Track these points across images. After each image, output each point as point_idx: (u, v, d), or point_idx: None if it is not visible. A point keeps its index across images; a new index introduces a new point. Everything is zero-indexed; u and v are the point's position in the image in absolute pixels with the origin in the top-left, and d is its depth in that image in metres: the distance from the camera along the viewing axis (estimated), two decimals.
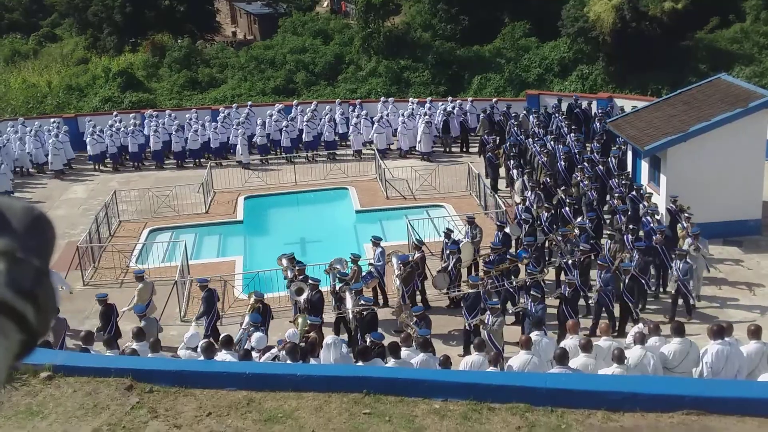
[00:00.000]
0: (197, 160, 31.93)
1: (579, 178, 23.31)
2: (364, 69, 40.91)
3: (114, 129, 32.53)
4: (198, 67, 44.98)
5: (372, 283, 19.48)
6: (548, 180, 23.89)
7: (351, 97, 37.10)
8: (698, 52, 37.12)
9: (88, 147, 32.18)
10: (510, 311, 17.87)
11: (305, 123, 32.27)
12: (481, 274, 18.91)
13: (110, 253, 23.35)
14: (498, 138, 28.89)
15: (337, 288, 18.19)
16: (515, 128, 29.27)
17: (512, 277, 18.61)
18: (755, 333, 12.55)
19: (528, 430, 7.33)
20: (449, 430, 7.34)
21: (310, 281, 17.82)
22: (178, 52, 45.92)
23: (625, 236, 19.56)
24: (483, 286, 17.70)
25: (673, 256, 18.54)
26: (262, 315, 16.72)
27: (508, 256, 19.10)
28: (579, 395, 7.81)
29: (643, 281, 18.29)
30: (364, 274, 19.20)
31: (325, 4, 58.36)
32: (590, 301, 18.34)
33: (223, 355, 13.36)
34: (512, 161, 25.85)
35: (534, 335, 13.89)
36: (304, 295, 17.56)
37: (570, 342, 13.46)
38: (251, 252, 24.13)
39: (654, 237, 19.25)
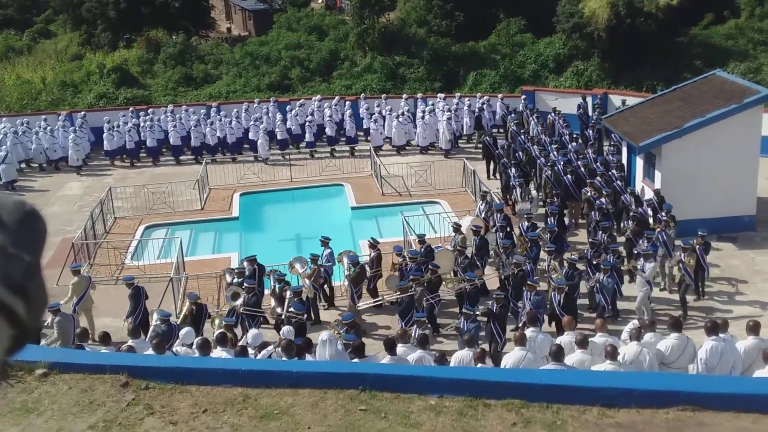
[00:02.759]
0: (215, 155, 31.99)
1: (589, 194, 22.10)
2: (359, 65, 40.88)
3: (132, 124, 32.57)
4: (193, 63, 44.91)
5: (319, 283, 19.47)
6: (555, 199, 22.38)
7: (346, 92, 37.06)
8: (693, 48, 37.19)
9: (105, 142, 32.24)
10: (444, 330, 17.48)
11: (327, 118, 32.29)
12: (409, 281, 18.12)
13: (105, 250, 23.32)
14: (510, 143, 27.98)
15: (277, 289, 18.12)
16: (522, 135, 27.99)
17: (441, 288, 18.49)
18: (753, 329, 12.59)
19: (523, 426, 7.33)
20: (445, 427, 7.34)
21: (245, 285, 17.77)
22: (173, 48, 45.84)
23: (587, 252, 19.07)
24: (414, 291, 17.42)
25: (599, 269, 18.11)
26: (197, 316, 16.73)
27: (429, 266, 18.73)
28: (574, 391, 7.81)
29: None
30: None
31: (320, 0, 58.29)
32: (520, 324, 17.32)
33: (218, 352, 13.35)
34: (513, 170, 24.42)
35: (529, 332, 13.90)
36: (240, 300, 17.56)
37: (566, 338, 13.48)
38: (247, 248, 24.07)
39: (604, 255, 18.65)
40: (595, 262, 18.45)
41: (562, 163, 23.92)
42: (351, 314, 16.52)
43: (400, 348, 13.23)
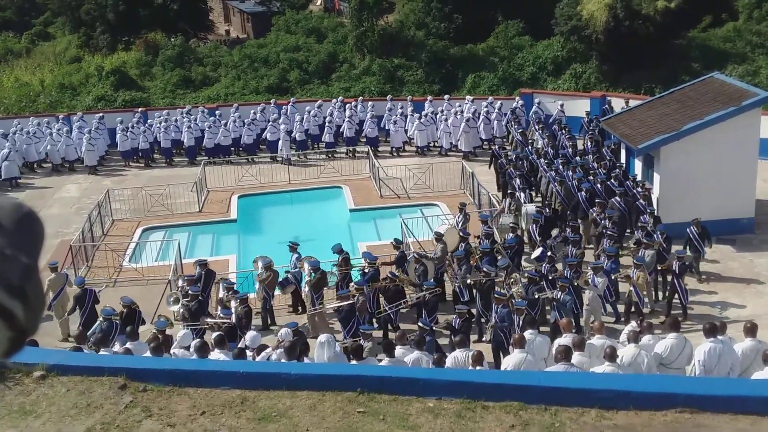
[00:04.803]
0: (228, 157, 32.08)
1: (595, 214, 21.26)
2: (358, 67, 40.88)
3: (146, 125, 32.67)
4: (191, 65, 44.90)
5: (289, 290, 19.34)
6: (546, 210, 21.83)
7: (345, 95, 37.03)
8: (691, 50, 37.21)
9: (119, 143, 32.37)
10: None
11: (347, 119, 32.31)
12: (352, 289, 17.95)
13: (104, 252, 23.30)
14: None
15: (226, 297, 18.04)
16: (529, 147, 27.33)
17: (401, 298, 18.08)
18: (751, 330, 12.61)
19: (522, 428, 7.33)
20: (443, 429, 7.34)
21: (190, 291, 17.76)
22: (172, 51, 45.84)
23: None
24: (356, 300, 17.19)
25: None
26: (127, 319, 16.77)
27: (389, 275, 18.44)
28: (572, 393, 7.81)
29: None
30: (280, 279, 19.10)
31: (319, 2, 58.28)
32: (484, 338, 17.26)
33: (216, 354, 13.34)
34: (518, 180, 23.63)
35: (527, 334, 13.90)
36: (179, 306, 17.54)
37: (563, 340, 13.47)
38: (245, 251, 24.09)
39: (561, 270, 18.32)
40: (551, 278, 17.92)
41: (575, 179, 22.91)
42: (294, 323, 16.32)
43: (398, 350, 13.23)
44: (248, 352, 14.03)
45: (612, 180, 22.84)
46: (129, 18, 50.50)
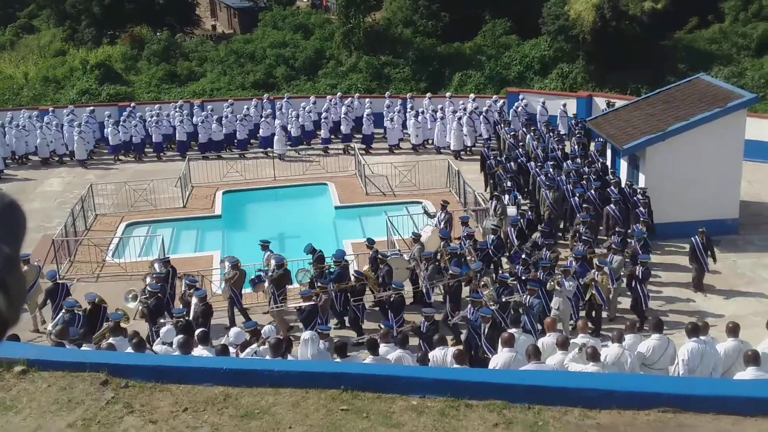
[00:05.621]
0: (220, 152, 31.99)
1: (581, 219, 20.95)
2: (345, 64, 40.83)
3: (138, 119, 32.49)
4: (177, 60, 44.71)
5: (260, 288, 19.20)
6: (529, 213, 21.80)
7: (332, 92, 36.97)
8: (677, 51, 37.39)
9: (109, 137, 32.20)
10: (354, 341, 16.84)
11: (342, 116, 32.23)
12: (316, 288, 17.81)
13: (86, 247, 23.17)
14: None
15: (187, 294, 17.96)
16: (520, 149, 26.89)
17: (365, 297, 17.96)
18: (733, 330, 12.66)
19: (505, 426, 7.32)
20: (426, 427, 7.32)
21: (148, 289, 17.72)
22: (157, 45, 45.63)
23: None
24: (318, 300, 17.07)
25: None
26: (93, 316, 16.74)
27: (354, 274, 18.31)
28: (556, 392, 7.81)
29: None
30: (252, 277, 18.99)
31: None
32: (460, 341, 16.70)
33: (199, 351, 13.28)
34: (507, 182, 23.49)
35: (512, 332, 13.89)
36: (137, 303, 17.57)
37: (547, 339, 13.50)
38: (229, 247, 24.00)
39: (534, 272, 18.07)
40: (524, 278, 17.64)
41: (570, 183, 22.68)
42: (254, 322, 16.21)
43: (382, 348, 13.21)
44: (231, 349, 13.98)
45: (612, 187, 22.47)
46: (114, 11, 50.20)
